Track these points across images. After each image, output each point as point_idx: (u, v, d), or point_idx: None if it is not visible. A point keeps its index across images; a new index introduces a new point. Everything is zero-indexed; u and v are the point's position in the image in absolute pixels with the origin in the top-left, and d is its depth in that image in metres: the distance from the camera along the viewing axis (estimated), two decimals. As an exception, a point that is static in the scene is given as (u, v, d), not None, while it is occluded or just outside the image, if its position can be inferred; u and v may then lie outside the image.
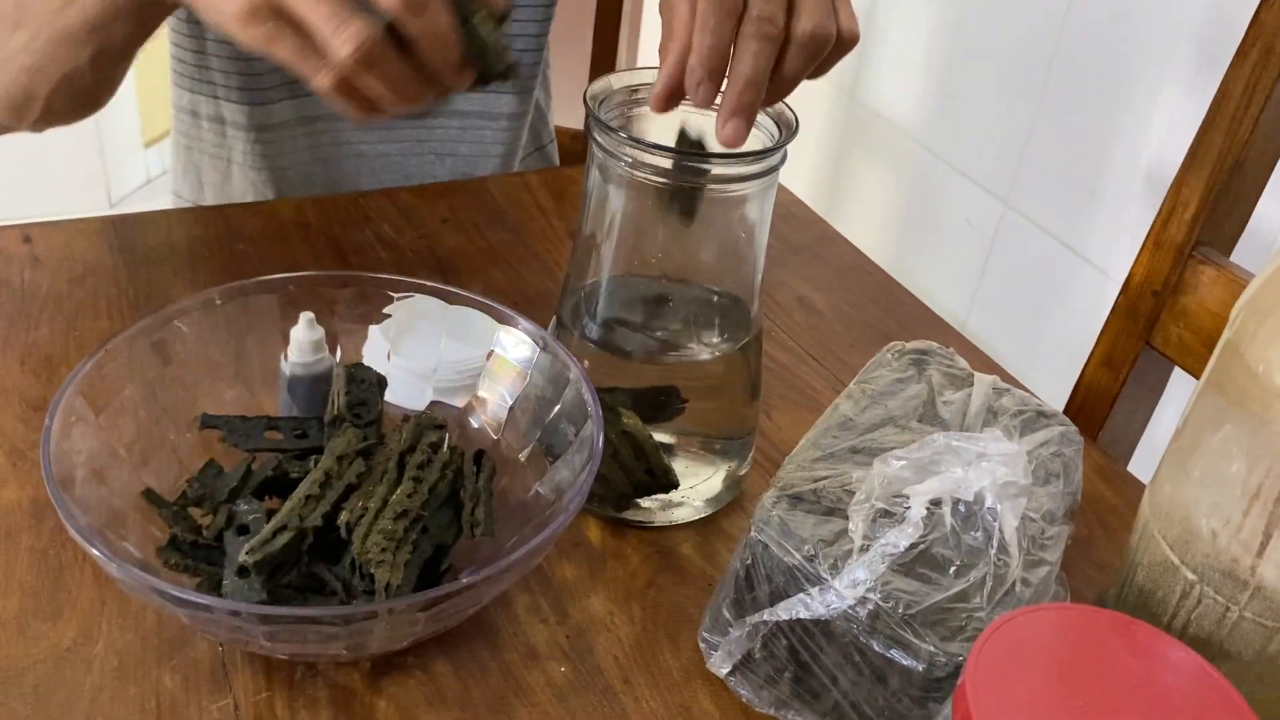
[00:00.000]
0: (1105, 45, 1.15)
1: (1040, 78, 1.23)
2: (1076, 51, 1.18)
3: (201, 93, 0.91)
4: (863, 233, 1.01)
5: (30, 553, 0.54)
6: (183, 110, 0.93)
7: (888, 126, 1.52)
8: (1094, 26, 1.16)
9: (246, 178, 0.92)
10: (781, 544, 0.47)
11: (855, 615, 0.46)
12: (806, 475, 0.50)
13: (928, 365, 0.59)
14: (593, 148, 0.55)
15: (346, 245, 0.79)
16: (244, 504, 0.51)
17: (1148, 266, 0.71)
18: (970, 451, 0.48)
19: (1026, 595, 0.47)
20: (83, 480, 0.49)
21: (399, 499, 0.50)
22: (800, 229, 0.90)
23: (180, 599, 0.43)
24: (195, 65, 0.89)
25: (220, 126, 0.92)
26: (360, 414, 0.55)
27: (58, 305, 0.70)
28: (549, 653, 0.53)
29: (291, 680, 0.50)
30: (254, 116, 0.90)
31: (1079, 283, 1.23)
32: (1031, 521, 0.49)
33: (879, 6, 1.50)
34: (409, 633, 0.47)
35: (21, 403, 0.63)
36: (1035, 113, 1.26)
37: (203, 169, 0.94)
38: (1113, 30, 1.14)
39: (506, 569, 0.45)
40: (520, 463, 0.58)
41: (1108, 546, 0.63)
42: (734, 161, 0.53)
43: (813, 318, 0.79)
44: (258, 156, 0.92)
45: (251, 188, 0.92)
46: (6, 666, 0.49)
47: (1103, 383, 0.74)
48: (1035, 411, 0.57)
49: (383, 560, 0.47)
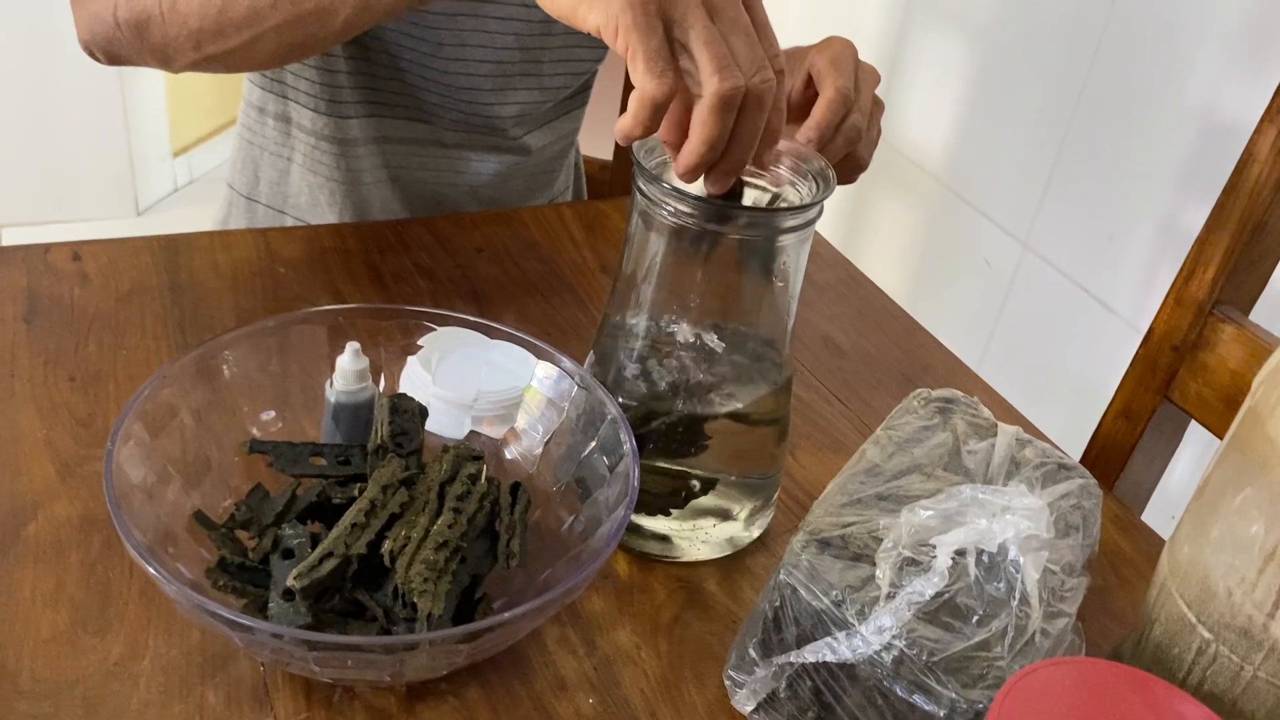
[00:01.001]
0: (1129, 93, 1.17)
1: (1064, 122, 1.25)
2: (1100, 98, 1.20)
3: (272, 90, 0.92)
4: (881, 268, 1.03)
5: (80, 567, 0.56)
6: (251, 105, 0.94)
7: (910, 165, 1.54)
8: (1119, 74, 1.18)
9: (304, 180, 0.93)
10: (810, 588, 0.49)
11: (880, 660, 0.47)
12: (835, 521, 0.52)
13: (953, 414, 0.61)
14: (636, 193, 0.57)
15: (385, 271, 0.81)
16: (289, 528, 0.53)
17: (1168, 322, 0.72)
18: (995, 504, 0.50)
19: (1046, 646, 0.49)
20: (138, 500, 0.51)
21: (440, 530, 0.51)
22: (825, 268, 0.92)
23: (233, 621, 0.44)
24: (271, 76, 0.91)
25: (285, 126, 0.93)
26: (402, 443, 0.57)
27: (105, 323, 0.72)
28: (578, 684, 0.54)
29: (330, 702, 0.51)
30: (321, 124, 0.91)
31: (1094, 326, 1.25)
32: (1052, 574, 0.51)
33: (906, 46, 1.53)
34: (449, 662, 0.48)
35: (71, 419, 0.65)
36: (1057, 156, 1.28)
37: (261, 165, 0.96)
38: (1137, 79, 1.16)
39: (547, 604, 0.47)
40: (553, 496, 0.60)
41: (1122, 596, 0.65)
42: (772, 215, 0.55)
43: (837, 358, 0.81)
44: (318, 162, 0.92)
45: (306, 189, 0.93)
46: (57, 679, 0.50)
47: (1120, 433, 0.75)
48: (1056, 464, 0.59)
49: (425, 590, 0.48)
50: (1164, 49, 1.11)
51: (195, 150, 2.43)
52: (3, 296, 0.73)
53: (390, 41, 0.87)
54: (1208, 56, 1.07)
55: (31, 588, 0.55)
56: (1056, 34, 1.25)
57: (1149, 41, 1.13)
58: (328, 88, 0.90)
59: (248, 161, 0.97)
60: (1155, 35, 1.12)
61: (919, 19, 1.51)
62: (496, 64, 0.91)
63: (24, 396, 0.66)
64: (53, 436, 0.63)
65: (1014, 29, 1.33)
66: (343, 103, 0.91)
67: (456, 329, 0.63)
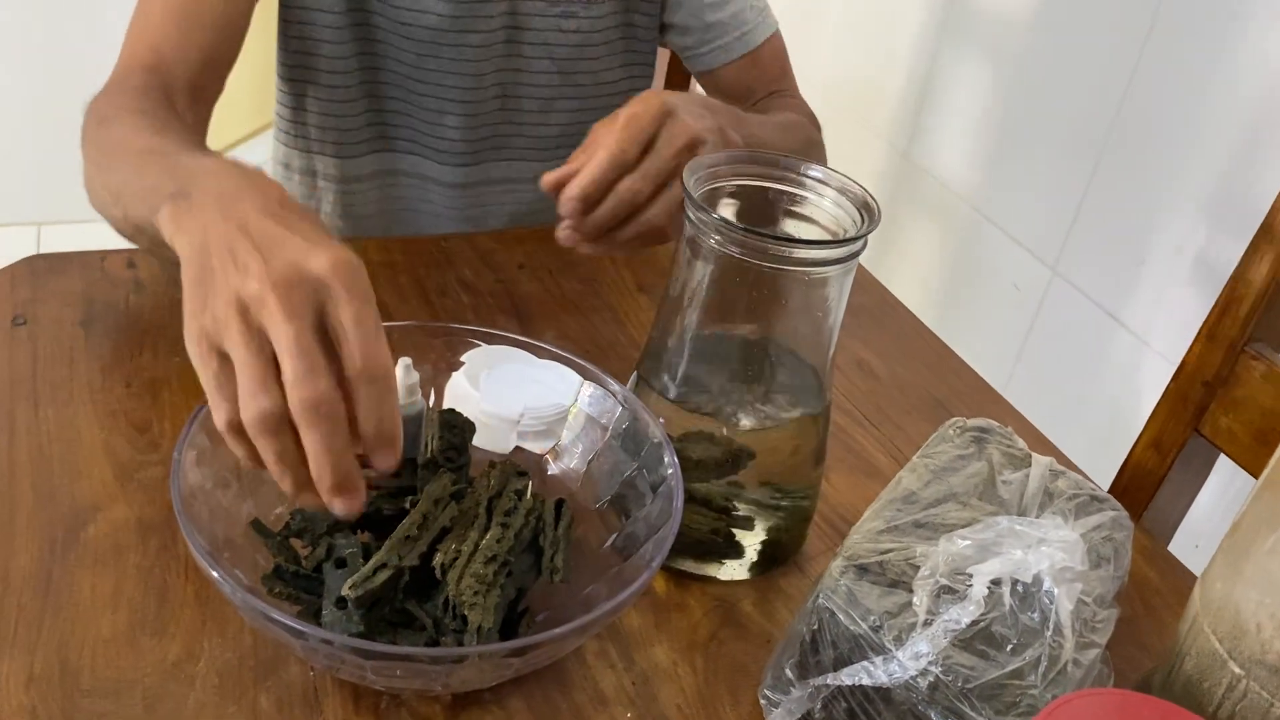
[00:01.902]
0: (1163, 119, 1.18)
1: (1096, 147, 1.26)
2: (1135, 124, 1.21)
3: (296, 147, 0.99)
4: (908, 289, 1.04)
5: (137, 570, 0.58)
6: (278, 163, 1.01)
7: (939, 186, 1.55)
8: (1153, 101, 1.19)
9: (333, 225, 0.98)
10: (848, 613, 0.50)
11: (916, 685, 0.48)
12: (873, 547, 0.53)
13: (988, 443, 0.62)
14: (685, 220, 0.58)
15: (430, 286, 0.83)
16: (342, 538, 0.55)
17: (1200, 357, 0.73)
18: (1031, 535, 0.51)
19: (1077, 676, 0.50)
20: (198, 507, 0.53)
21: (489, 544, 0.53)
22: (860, 292, 0.93)
23: (292, 628, 0.46)
24: (292, 121, 0.97)
25: (311, 179, 0.99)
26: (452, 458, 0.58)
27: (160, 331, 0.74)
28: (616, 698, 0.56)
29: (377, 708, 0.53)
30: (342, 168, 0.98)
31: (1122, 353, 1.26)
32: (1085, 605, 0.52)
33: (939, 68, 1.54)
34: (497, 675, 0.50)
35: (128, 424, 0.67)
36: (1088, 182, 1.29)
37: None
38: (1173, 107, 1.17)
39: (595, 621, 0.48)
40: (595, 513, 0.61)
41: (1150, 627, 0.66)
42: (818, 247, 0.56)
43: (870, 382, 0.82)
44: (344, 206, 0.99)
45: (336, 235, 0.97)
46: (118, 677, 0.52)
47: (1150, 464, 0.76)
48: (1089, 495, 0.60)
49: (475, 603, 0.50)
50: (1202, 77, 1.12)
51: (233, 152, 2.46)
52: (61, 302, 0.76)
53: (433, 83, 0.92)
54: (1247, 87, 1.08)
55: (91, 588, 0.56)
56: (1092, 58, 1.26)
57: (1186, 70, 1.14)
58: (341, 131, 0.96)
59: None
60: (1193, 64, 1.13)
61: (952, 42, 1.52)
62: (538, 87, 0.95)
63: (82, 401, 0.68)
64: (110, 441, 0.65)
65: (1048, 53, 1.34)
66: (354, 142, 0.97)
67: (501, 346, 0.65)
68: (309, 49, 0.91)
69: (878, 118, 1.67)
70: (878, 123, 1.67)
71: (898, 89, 1.62)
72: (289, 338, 0.46)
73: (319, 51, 0.91)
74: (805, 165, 0.60)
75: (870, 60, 1.70)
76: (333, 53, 0.91)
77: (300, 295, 0.48)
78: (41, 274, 0.78)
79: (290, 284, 0.47)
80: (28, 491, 0.61)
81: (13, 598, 0.55)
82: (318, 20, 0.90)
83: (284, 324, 0.47)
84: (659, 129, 0.67)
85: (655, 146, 0.67)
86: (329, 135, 0.96)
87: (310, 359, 0.47)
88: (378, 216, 1.01)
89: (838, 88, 1.81)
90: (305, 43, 0.91)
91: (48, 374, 0.69)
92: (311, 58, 0.92)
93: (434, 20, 0.90)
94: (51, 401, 0.67)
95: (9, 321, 0.73)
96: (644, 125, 0.67)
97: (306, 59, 0.92)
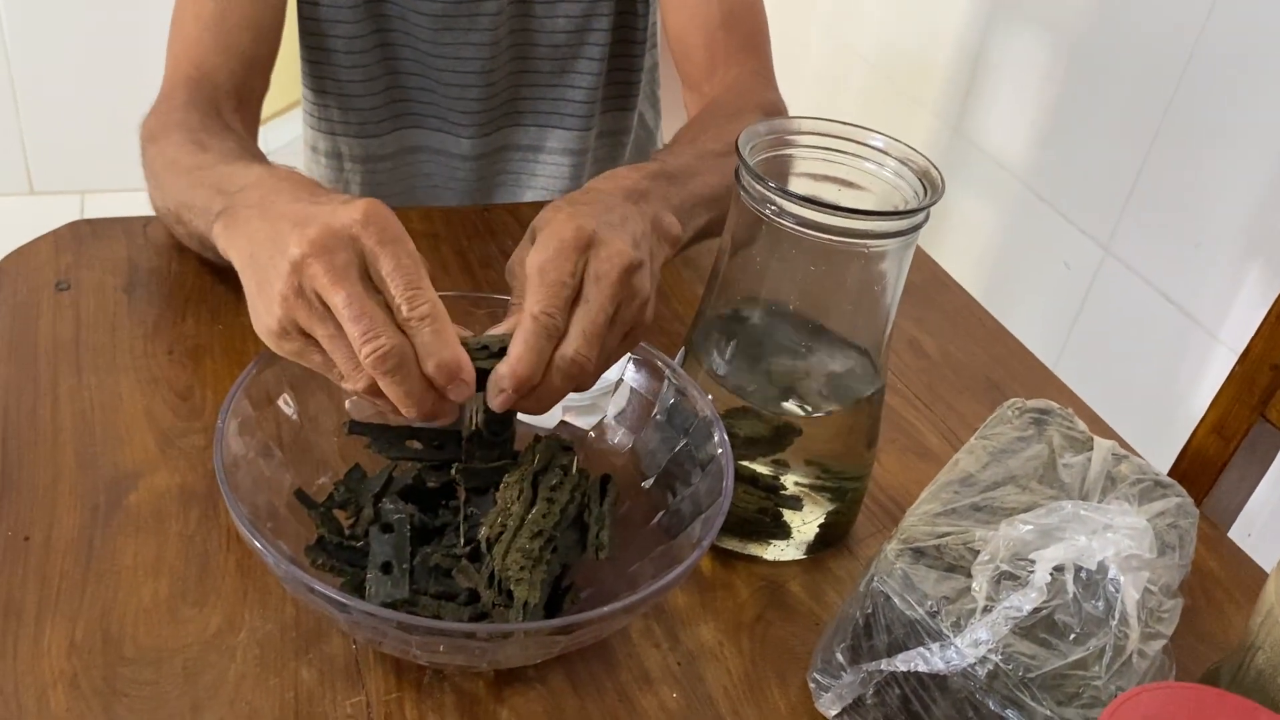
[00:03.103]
0: (1222, 97, 1.14)
1: (1153, 124, 1.23)
2: (1192, 100, 1.18)
3: (321, 130, 0.99)
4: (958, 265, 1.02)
5: (179, 538, 0.57)
6: (307, 146, 1.02)
7: (990, 162, 1.52)
8: (1213, 77, 1.15)
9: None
10: (904, 597, 0.49)
11: (974, 673, 0.47)
12: (929, 530, 0.52)
13: (1047, 425, 0.60)
14: (739, 190, 0.56)
15: (472, 257, 0.82)
16: (389, 503, 0.54)
17: (1268, 340, 0.71)
18: (1097, 521, 0.49)
19: (1142, 667, 0.48)
20: (241, 476, 0.52)
21: (534, 519, 0.52)
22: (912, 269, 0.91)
23: (337, 601, 0.45)
24: (316, 104, 0.99)
25: (337, 162, 1.00)
26: (497, 432, 0.57)
27: (202, 298, 0.74)
28: (661, 677, 0.54)
29: (420, 683, 0.52)
30: (366, 148, 0.98)
31: (1176, 336, 1.23)
32: (1151, 594, 0.50)
33: (990, 44, 1.50)
34: (544, 652, 0.49)
35: (170, 391, 0.66)
36: (1143, 160, 1.25)
37: None
38: (1232, 85, 1.13)
39: (643, 600, 0.47)
40: (641, 490, 0.60)
41: (1211, 617, 0.63)
42: (877, 218, 0.54)
43: (922, 360, 0.80)
44: (370, 187, 1.00)
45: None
46: (159, 646, 0.52)
47: (1212, 450, 0.74)
48: (1153, 481, 0.58)
49: (521, 578, 0.49)
50: (1264, 52, 1.08)
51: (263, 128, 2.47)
52: (104, 268, 0.75)
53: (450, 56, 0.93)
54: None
55: (134, 555, 0.56)
56: (1151, 30, 1.22)
57: (1248, 44, 1.10)
58: (361, 112, 0.96)
59: None
60: (1255, 38, 1.09)
61: (1005, 16, 1.48)
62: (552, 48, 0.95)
63: (125, 367, 0.67)
64: (152, 408, 0.65)
65: (1104, 26, 1.30)
66: (376, 121, 0.97)
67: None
68: (326, 30, 0.92)
69: (927, 92, 1.64)
70: (927, 97, 1.64)
71: (948, 62, 1.59)
72: (342, 304, 0.48)
73: (336, 33, 0.92)
74: (866, 135, 0.58)
75: (920, 33, 1.66)
76: (349, 32, 0.92)
77: (341, 256, 0.49)
78: (85, 239, 0.78)
79: (326, 247, 0.49)
80: (70, 458, 0.61)
81: (55, 564, 0.55)
82: (333, 2, 0.90)
83: (332, 290, 0.48)
84: (584, 269, 0.53)
85: (584, 296, 0.52)
86: (351, 117, 0.97)
87: (365, 321, 0.48)
88: (405, 194, 1.02)
89: (887, 62, 1.77)
90: (322, 24, 0.92)
91: (90, 339, 0.69)
92: (329, 39, 0.92)
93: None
94: (94, 368, 0.67)
95: (52, 286, 0.73)
96: (565, 272, 0.52)
97: (324, 41, 0.93)
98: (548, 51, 0.97)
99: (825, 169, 0.59)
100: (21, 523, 0.57)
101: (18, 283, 0.73)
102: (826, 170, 0.59)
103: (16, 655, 0.51)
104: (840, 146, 0.59)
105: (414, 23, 0.92)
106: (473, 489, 0.55)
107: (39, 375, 0.66)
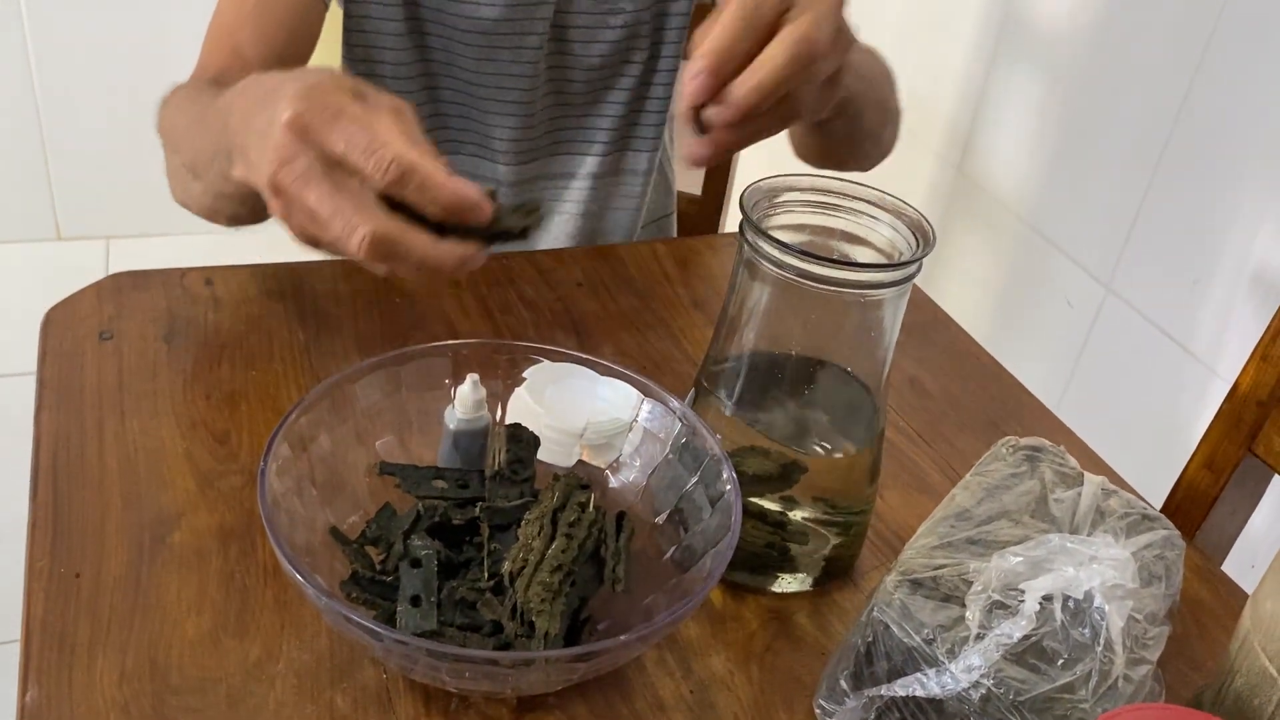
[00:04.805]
0: (1219, 137, 1.17)
1: (1151, 164, 1.26)
2: (1190, 141, 1.21)
3: None
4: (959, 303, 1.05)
5: (219, 575, 0.61)
6: None
7: (991, 201, 1.56)
8: (1210, 118, 1.18)
9: None
10: (902, 626, 0.52)
11: (968, 697, 0.50)
12: (926, 562, 0.55)
13: (1040, 462, 0.63)
14: (741, 243, 0.60)
15: (492, 303, 0.85)
16: (418, 540, 0.57)
17: (1254, 377, 0.74)
18: (1083, 553, 0.53)
19: (1128, 691, 0.51)
20: (281, 516, 0.55)
21: (554, 554, 0.55)
22: (913, 309, 0.94)
23: (374, 631, 0.49)
24: None
25: None
26: (518, 470, 0.61)
27: (237, 345, 0.78)
28: (675, 705, 0.57)
29: (447, 709, 0.55)
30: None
31: (1175, 371, 1.25)
32: (1135, 622, 0.53)
33: (993, 81, 1.54)
34: (563, 679, 0.52)
35: (209, 435, 0.70)
36: (1143, 199, 1.28)
37: None
38: (1228, 123, 1.16)
39: (657, 630, 0.50)
40: (654, 526, 0.63)
41: (1202, 645, 0.66)
42: (872, 270, 0.58)
43: (923, 399, 0.83)
44: None
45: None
46: (204, 676, 0.55)
47: (1203, 484, 0.77)
48: (1140, 514, 0.61)
49: (542, 610, 0.52)
50: (1260, 94, 1.12)
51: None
52: (145, 318, 0.79)
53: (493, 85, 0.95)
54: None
55: (178, 590, 0.60)
56: (1148, 73, 1.26)
57: (1244, 87, 1.14)
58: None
59: None
60: (1251, 81, 1.13)
61: (1007, 54, 1.52)
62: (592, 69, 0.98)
63: (166, 412, 0.71)
64: (192, 450, 0.69)
65: (1104, 68, 1.34)
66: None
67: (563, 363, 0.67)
68: (373, 57, 0.95)
69: (929, 131, 1.68)
70: (929, 137, 1.68)
71: (951, 103, 1.63)
72: (314, 208, 0.50)
73: (383, 59, 0.95)
74: (860, 189, 0.62)
75: (923, 74, 1.70)
76: (395, 59, 0.95)
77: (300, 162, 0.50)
78: (126, 290, 0.82)
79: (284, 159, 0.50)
80: (117, 499, 0.65)
81: (105, 599, 0.59)
82: (380, 29, 0.93)
83: (303, 198, 0.51)
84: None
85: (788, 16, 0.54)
86: None
87: (338, 218, 0.50)
88: None
89: (890, 104, 1.81)
90: (370, 50, 0.95)
91: (133, 386, 0.73)
92: (376, 65, 0.95)
93: (488, 25, 0.93)
94: (137, 413, 0.71)
95: (96, 336, 0.77)
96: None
97: (372, 67, 0.95)
98: (583, 78, 1.00)
99: (828, 222, 0.63)
100: (73, 561, 0.60)
101: (64, 333, 0.77)
102: (829, 224, 0.63)
103: (71, 684, 0.54)
104: (838, 202, 0.63)
105: (457, 53, 0.95)
106: (496, 526, 0.59)
107: (85, 420, 0.70)
